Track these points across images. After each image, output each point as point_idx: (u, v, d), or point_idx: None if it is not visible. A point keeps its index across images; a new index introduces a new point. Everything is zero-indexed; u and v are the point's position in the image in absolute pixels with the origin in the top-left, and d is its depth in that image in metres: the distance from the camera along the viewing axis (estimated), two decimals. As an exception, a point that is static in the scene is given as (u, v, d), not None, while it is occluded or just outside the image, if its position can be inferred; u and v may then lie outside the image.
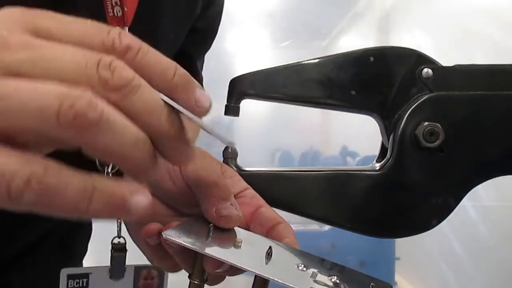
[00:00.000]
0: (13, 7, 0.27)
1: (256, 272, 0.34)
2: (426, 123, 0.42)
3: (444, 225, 0.43)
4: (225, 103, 0.43)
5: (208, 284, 0.39)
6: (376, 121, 0.45)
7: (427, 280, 2.65)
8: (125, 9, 0.45)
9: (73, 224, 0.67)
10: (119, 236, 0.49)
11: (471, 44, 2.06)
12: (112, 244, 0.49)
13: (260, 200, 0.41)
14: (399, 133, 0.42)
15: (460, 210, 0.43)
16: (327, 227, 2.20)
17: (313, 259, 0.38)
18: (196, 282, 0.38)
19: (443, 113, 0.42)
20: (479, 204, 2.07)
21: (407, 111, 0.42)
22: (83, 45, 0.26)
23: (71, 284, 0.48)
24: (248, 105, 0.44)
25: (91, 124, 0.24)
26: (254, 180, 0.43)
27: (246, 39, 2.89)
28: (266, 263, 0.35)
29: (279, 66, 0.43)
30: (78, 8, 0.50)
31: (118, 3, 0.45)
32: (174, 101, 0.28)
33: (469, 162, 0.43)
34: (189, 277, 0.38)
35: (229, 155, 0.44)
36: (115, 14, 0.45)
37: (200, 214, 0.38)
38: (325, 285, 0.35)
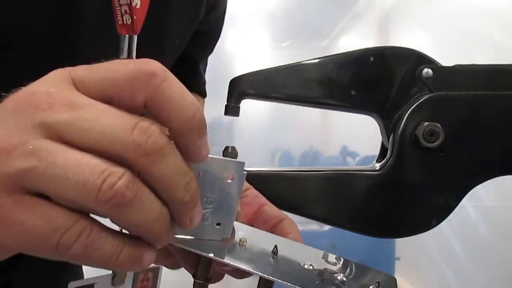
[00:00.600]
0: (62, 69, 0.29)
1: (263, 275, 0.34)
2: (426, 123, 0.42)
3: (444, 225, 0.43)
4: (225, 103, 0.43)
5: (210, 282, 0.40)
6: (376, 121, 0.45)
7: (427, 280, 2.65)
8: (135, 17, 0.46)
9: None
10: None
11: (471, 44, 2.06)
12: None
13: (262, 199, 0.41)
14: (399, 133, 0.42)
15: (460, 210, 0.43)
16: (327, 227, 2.20)
17: (318, 255, 0.38)
18: (200, 281, 0.38)
19: (443, 113, 0.42)
20: (479, 204, 2.07)
21: (407, 111, 0.42)
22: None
23: None
24: (248, 105, 0.44)
25: (125, 203, 0.26)
26: (254, 180, 0.43)
27: (246, 39, 2.89)
28: (272, 263, 0.35)
29: (279, 66, 0.43)
30: (88, 18, 0.50)
31: (128, 12, 0.46)
32: (179, 139, 0.29)
33: (469, 162, 0.43)
34: (193, 276, 0.38)
35: (229, 155, 0.44)
36: (125, 22, 0.46)
37: None
38: (333, 284, 0.35)
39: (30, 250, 0.27)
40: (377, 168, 0.43)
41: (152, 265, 0.48)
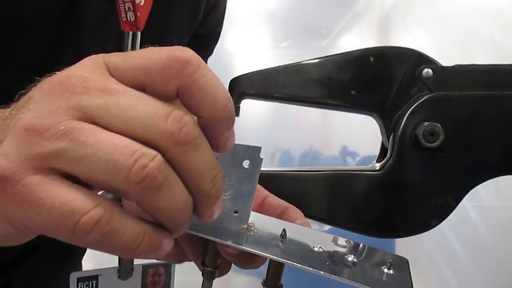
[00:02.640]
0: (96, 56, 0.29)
1: (273, 257, 0.34)
2: (426, 123, 0.42)
3: (444, 225, 0.43)
4: (225, 103, 0.43)
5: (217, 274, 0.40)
6: (376, 121, 0.45)
7: (427, 280, 2.65)
8: (138, 14, 0.46)
9: None
10: None
11: (471, 44, 2.06)
12: None
13: (266, 192, 0.41)
14: (399, 133, 0.42)
15: (460, 210, 0.43)
16: (327, 227, 2.20)
17: (327, 238, 0.38)
18: (209, 269, 0.38)
19: (443, 113, 0.42)
20: (479, 204, 2.06)
21: (407, 111, 0.42)
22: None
23: (81, 286, 0.49)
24: (248, 105, 0.44)
25: (155, 186, 0.26)
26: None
27: (246, 39, 2.89)
28: (281, 246, 0.35)
29: (279, 66, 0.43)
30: (92, 15, 0.50)
31: (131, 9, 0.47)
32: (208, 129, 0.29)
33: (469, 162, 0.43)
34: (202, 264, 0.38)
35: (229, 155, 0.44)
36: (128, 19, 0.47)
37: None
38: (344, 265, 0.35)
39: (49, 232, 0.26)
40: (377, 168, 0.43)
41: (163, 262, 0.48)
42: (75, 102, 0.26)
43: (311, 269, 0.33)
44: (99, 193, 0.28)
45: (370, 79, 0.44)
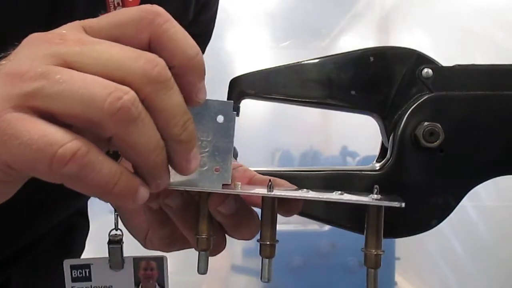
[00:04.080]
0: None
1: (264, 193, 0.35)
2: (426, 123, 0.42)
3: (444, 225, 0.43)
4: (225, 103, 0.43)
5: (211, 253, 0.39)
6: (376, 121, 0.45)
7: (427, 280, 2.65)
8: None
9: (72, 222, 0.67)
10: (116, 229, 0.50)
11: (471, 44, 2.06)
12: (109, 236, 0.50)
13: (253, 172, 0.42)
14: (399, 133, 0.42)
15: (460, 210, 0.43)
16: (327, 227, 2.20)
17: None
18: (203, 236, 0.37)
19: (443, 113, 0.42)
20: (479, 204, 2.07)
21: (407, 111, 0.42)
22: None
23: (74, 274, 0.50)
24: (248, 105, 0.44)
25: (130, 119, 0.27)
26: (254, 180, 0.43)
27: (246, 39, 2.89)
28: (270, 191, 0.35)
29: (279, 66, 0.43)
30: (81, 10, 0.50)
31: (120, 4, 0.47)
32: (180, 79, 0.30)
33: (469, 162, 0.43)
34: (195, 234, 0.38)
35: (229, 155, 0.44)
36: None
37: None
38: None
39: (28, 167, 0.27)
40: (377, 168, 0.43)
41: (155, 253, 0.48)
42: (52, 50, 0.28)
43: (325, 197, 0.34)
44: None
45: (370, 79, 0.44)
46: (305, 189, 0.37)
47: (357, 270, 2.24)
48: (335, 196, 0.36)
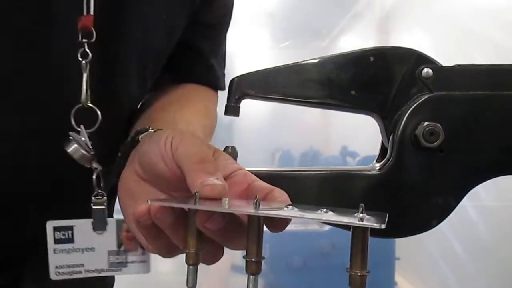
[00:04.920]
0: None
1: (248, 212, 0.34)
2: (426, 123, 0.42)
3: (444, 225, 0.43)
4: (225, 103, 0.43)
5: (204, 261, 0.40)
6: (376, 121, 0.45)
7: (427, 280, 2.65)
8: None
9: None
10: (98, 191, 0.51)
11: (471, 44, 2.06)
12: (93, 197, 0.51)
13: (253, 177, 0.41)
14: (399, 133, 0.42)
15: (460, 210, 0.43)
16: (327, 227, 2.20)
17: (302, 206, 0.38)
18: (191, 251, 0.37)
19: (443, 113, 0.42)
20: (479, 204, 2.07)
21: (407, 111, 0.42)
22: None
23: (57, 236, 0.50)
24: (248, 105, 0.44)
25: None
26: (254, 180, 0.43)
27: (246, 39, 2.89)
28: (256, 208, 0.35)
29: (279, 66, 0.43)
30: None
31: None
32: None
33: (469, 162, 0.43)
34: (184, 248, 0.38)
35: (229, 155, 0.44)
36: None
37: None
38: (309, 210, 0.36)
39: None
40: (377, 168, 0.43)
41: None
42: None
43: (308, 216, 0.34)
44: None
45: (370, 79, 0.44)
46: (291, 206, 0.36)
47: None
48: (317, 216, 0.35)
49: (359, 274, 0.34)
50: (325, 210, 0.36)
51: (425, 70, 0.43)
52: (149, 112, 0.59)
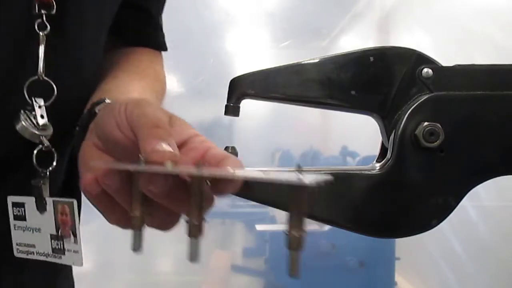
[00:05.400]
0: None
1: (189, 172, 0.34)
2: (426, 123, 0.42)
3: (444, 225, 0.43)
4: (225, 103, 0.43)
5: (156, 227, 0.40)
6: (376, 121, 0.45)
7: (427, 280, 2.65)
8: None
9: None
10: (41, 172, 0.49)
11: (471, 44, 2.06)
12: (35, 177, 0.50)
13: (210, 144, 0.40)
14: (399, 133, 0.42)
15: (460, 210, 0.43)
16: (327, 227, 2.20)
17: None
18: (136, 215, 0.37)
19: (443, 113, 0.42)
20: (479, 204, 2.07)
21: (407, 111, 0.42)
22: None
23: (15, 211, 0.49)
24: (248, 105, 0.44)
25: None
26: (254, 180, 0.43)
27: (246, 39, 2.89)
28: (199, 170, 0.34)
29: (279, 66, 0.43)
30: None
31: None
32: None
33: (469, 162, 0.43)
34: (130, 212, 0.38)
35: (229, 155, 0.44)
36: None
37: None
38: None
39: None
40: (377, 168, 0.43)
41: (67, 199, 0.48)
42: None
43: (247, 174, 0.33)
44: None
45: (370, 79, 0.44)
46: (239, 171, 0.36)
47: (357, 270, 2.24)
48: (257, 174, 0.35)
49: (297, 235, 0.33)
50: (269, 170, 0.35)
51: (425, 70, 0.43)
52: (103, 83, 0.58)
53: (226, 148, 0.44)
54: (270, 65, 0.43)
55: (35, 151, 0.49)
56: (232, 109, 0.43)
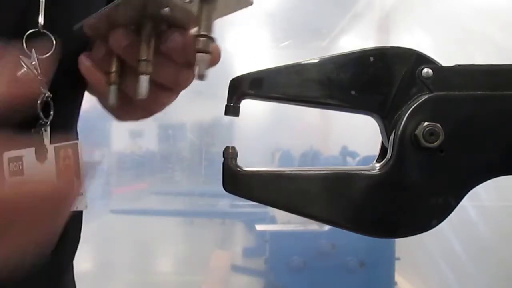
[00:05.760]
0: None
1: None
2: (426, 123, 0.42)
3: (444, 225, 0.43)
4: (225, 103, 0.43)
5: (130, 93, 0.46)
6: (376, 121, 0.45)
7: (427, 280, 2.65)
8: None
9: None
10: (41, 118, 0.50)
11: (471, 44, 2.06)
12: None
13: None
14: (399, 133, 0.42)
15: (460, 210, 0.43)
16: (327, 227, 2.20)
17: None
18: (112, 71, 0.47)
19: (443, 113, 0.42)
20: (479, 204, 2.07)
21: (407, 111, 0.42)
22: None
23: (11, 168, 0.49)
24: (248, 105, 0.44)
25: None
26: (254, 180, 0.43)
27: (246, 39, 2.89)
28: None
29: (279, 66, 0.43)
30: None
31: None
32: None
33: (469, 162, 0.43)
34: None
35: (229, 155, 0.44)
36: None
37: None
38: None
39: None
40: (377, 168, 0.43)
41: (70, 142, 0.48)
42: None
43: None
44: None
45: (370, 79, 0.44)
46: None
47: (357, 270, 2.25)
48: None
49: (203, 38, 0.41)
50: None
51: (425, 70, 0.43)
52: None
53: (226, 148, 0.44)
54: (270, 65, 0.43)
55: (38, 101, 0.49)
56: (232, 109, 0.43)
